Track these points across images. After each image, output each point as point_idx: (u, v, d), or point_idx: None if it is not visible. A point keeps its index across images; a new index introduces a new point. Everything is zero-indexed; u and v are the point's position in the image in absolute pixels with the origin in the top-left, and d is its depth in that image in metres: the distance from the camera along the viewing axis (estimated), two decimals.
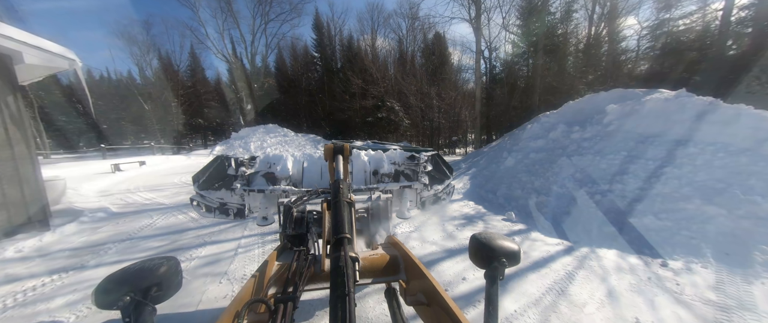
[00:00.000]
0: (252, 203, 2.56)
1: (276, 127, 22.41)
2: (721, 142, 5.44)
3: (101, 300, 0.64)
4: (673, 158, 5.64)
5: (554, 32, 16.10)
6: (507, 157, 9.11)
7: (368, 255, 1.15)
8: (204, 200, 2.57)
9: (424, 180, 2.72)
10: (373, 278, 1.08)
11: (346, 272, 0.61)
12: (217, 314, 1.34)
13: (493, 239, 0.92)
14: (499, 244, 0.90)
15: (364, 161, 2.65)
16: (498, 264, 0.85)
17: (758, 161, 4.88)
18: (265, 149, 19.92)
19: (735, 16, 10.85)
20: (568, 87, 13.85)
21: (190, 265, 3.77)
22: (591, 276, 3.56)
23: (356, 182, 2.57)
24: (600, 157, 6.68)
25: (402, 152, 2.84)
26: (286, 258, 1.13)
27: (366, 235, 1.70)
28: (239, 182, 2.50)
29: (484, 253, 0.89)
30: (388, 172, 2.68)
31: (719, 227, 4.28)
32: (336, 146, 1.42)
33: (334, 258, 0.67)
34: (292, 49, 32.52)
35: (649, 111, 6.76)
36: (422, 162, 2.75)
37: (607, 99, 8.10)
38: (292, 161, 2.60)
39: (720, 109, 5.84)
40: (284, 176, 2.55)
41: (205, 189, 2.52)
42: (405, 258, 1.12)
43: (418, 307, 0.97)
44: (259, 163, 2.62)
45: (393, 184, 2.61)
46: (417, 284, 1.01)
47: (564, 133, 8.31)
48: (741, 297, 3.09)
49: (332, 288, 0.59)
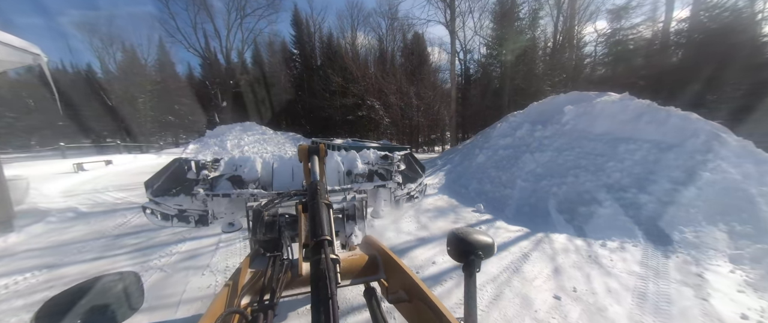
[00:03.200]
0: (216, 209, 2.36)
1: (253, 124, 21.89)
2: (655, 139, 6.24)
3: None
4: (617, 154, 6.39)
5: (523, 37, 17.17)
6: (478, 154, 9.68)
7: (346, 256, 1.12)
8: (159, 208, 2.32)
9: (398, 179, 2.72)
10: (352, 279, 1.05)
11: (328, 274, 0.60)
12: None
13: (469, 235, 0.96)
14: (474, 238, 0.94)
15: (337, 161, 2.62)
16: (474, 258, 0.89)
17: (682, 155, 5.68)
18: (242, 148, 19.44)
19: (674, 28, 12.32)
20: (535, 89, 14.87)
21: (171, 260, 3.84)
22: (542, 256, 4.06)
23: (330, 182, 2.51)
24: (558, 153, 7.36)
25: (375, 152, 2.86)
26: (259, 264, 1.07)
27: (342, 236, 1.70)
28: (201, 186, 2.30)
29: (461, 248, 0.93)
30: (362, 172, 2.66)
31: (649, 212, 4.98)
32: (311, 147, 1.41)
33: (314, 261, 0.65)
34: (269, 45, 31.74)
35: (599, 112, 7.53)
36: (396, 161, 2.77)
37: (566, 101, 8.88)
38: (260, 162, 2.47)
39: (654, 111, 6.67)
40: (252, 179, 2.41)
41: (161, 195, 2.29)
42: (384, 257, 1.11)
43: (399, 304, 0.96)
44: (224, 165, 2.45)
45: (367, 184, 2.60)
46: (397, 281, 1.00)
47: (528, 131, 8.98)
48: (658, 268, 3.70)
49: (314, 291, 0.58)
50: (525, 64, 16.72)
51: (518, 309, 2.87)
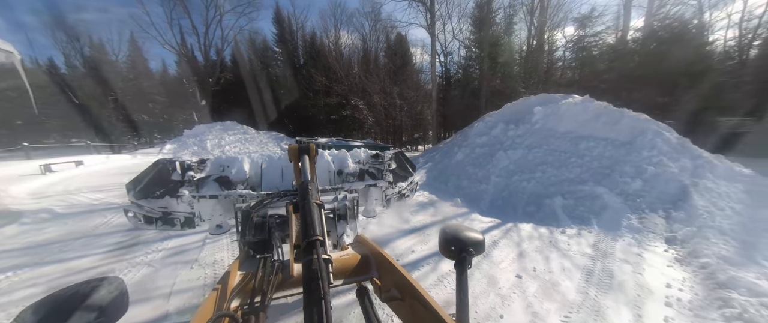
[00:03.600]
0: (203, 211, 2.31)
1: (235, 124, 21.40)
2: (610, 137, 6.92)
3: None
4: (578, 151, 7.02)
5: (499, 41, 18.04)
6: (457, 152, 10.15)
7: (338, 256, 1.11)
8: (142, 211, 2.24)
9: (389, 178, 2.71)
10: (345, 279, 1.05)
11: (321, 275, 0.60)
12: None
13: (460, 231, 0.96)
14: (465, 235, 0.95)
15: (327, 160, 2.60)
16: (466, 254, 0.90)
17: (632, 152, 6.36)
18: (223, 148, 18.99)
19: (631, 36, 13.54)
20: (511, 90, 15.71)
21: (157, 256, 3.91)
22: (510, 242, 4.49)
23: (321, 182, 2.46)
24: (528, 150, 7.93)
25: (366, 151, 2.84)
26: (249, 266, 1.06)
27: (333, 236, 1.68)
28: (187, 188, 2.25)
29: (452, 245, 0.94)
30: (353, 171, 2.64)
31: (603, 203, 5.57)
32: (301, 146, 1.41)
33: (306, 261, 0.65)
34: (250, 43, 30.98)
35: (563, 113, 8.19)
36: (386, 160, 2.75)
37: (536, 102, 9.53)
38: (249, 162, 2.42)
39: (610, 112, 7.37)
40: (240, 180, 2.35)
41: (144, 198, 2.22)
42: (376, 256, 1.10)
43: (392, 303, 0.96)
44: (211, 166, 2.38)
45: (358, 183, 2.58)
46: (390, 280, 1.00)
47: (502, 131, 9.54)
48: (606, 250, 4.21)
49: (306, 292, 0.58)
50: (501, 67, 17.59)
51: (485, 287, 3.24)
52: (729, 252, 3.84)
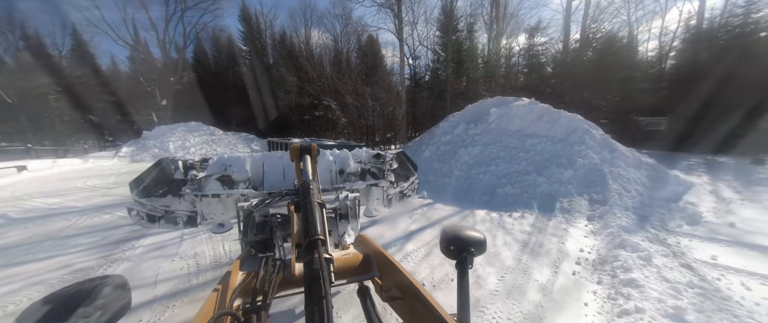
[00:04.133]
0: (205, 210, 2.33)
1: (200, 125, 20.44)
2: (550, 135, 8.00)
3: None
4: (525, 146, 8.02)
5: (461, 47, 19.37)
6: (425, 150, 10.88)
7: (340, 255, 1.11)
8: (145, 209, 2.25)
9: (391, 178, 2.69)
10: (346, 278, 1.04)
11: (322, 274, 0.60)
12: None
13: (461, 231, 0.95)
14: (467, 235, 0.95)
15: (329, 160, 2.58)
16: (467, 254, 0.90)
17: (566, 147, 7.45)
18: (187, 149, 18.11)
19: (571, 46, 15.48)
20: (473, 93, 16.97)
21: (136, 252, 4.01)
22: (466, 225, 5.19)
23: (322, 181, 2.45)
24: (485, 147, 8.83)
25: (367, 151, 2.82)
26: (251, 266, 1.06)
27: (335, 235, 1.67)
28: (189, 187, 2.26)
29: (453, 245, 0.94)
30: (355, 171, 2.62)
31: (543, 190, 6.53)
32: (303, 146, 1.40)
33: (307, 260, 0.65)
34: (214, 40, 29.59)
35: (514, 113, 9.23)
36: (388, 160, 2.72)
37: (492, 104, 10.56)
38: (250, 162, 2.44)
39: (550, 112, 8.51)
40: (242, 179, 2.36)
41: (146, 197, 2.21)
42: (377, 255, 1.10)
43: (393, 302, 0.96)
44: (213, 165, 2.38)
45: (360, 183, 2.56)
46: (391, 279, 1.00)
47: (464, 129, 10.43)
48: (541, 227, 5.05)
49: (307, 291, 0.58)
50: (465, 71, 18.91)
51: (440, 260, 3.84)
52: (628, 223, 4.85)
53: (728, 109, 13.22)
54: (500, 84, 17.91)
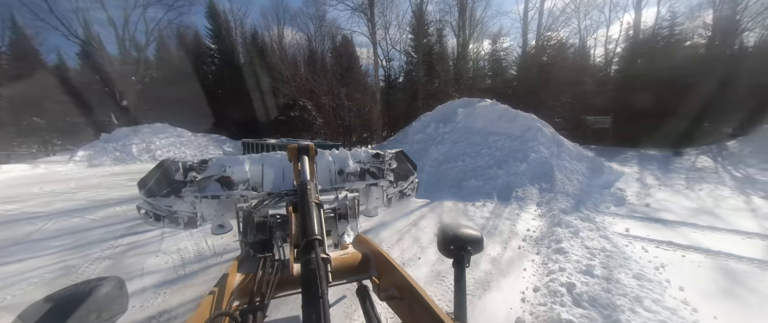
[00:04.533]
0: (205, 211, 2.34)
1: (166, 126, 19.42)
2: (509, 132, 8.89)
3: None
4: (488, 143, 8.83)
5: (432, 51, 20.36)
6: (398, 148, 11.44)
7: (338, 255, 1.12)
8: (152, 209, 2.30)
9: (390, 177, 2.70)
10: (344, 278, 1.05)
11: (319, 274, 0.60)
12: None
13: (458, 230, 0.95)
14: (464, 233, 0.95)
15: (328, 160, 2.59)
16: (464, 253, 0.90)
17: (522, 143, 8.35)
18: (153, 153, 17.20)
19: (530, 51, 16.99)
20: (444, 94, 17.93)
21: (116, 251, 4.09)
22: (434, 214, 5.76)
23: (322, 182, 2.45)
24: (453, 144, 9.55)
25: (367, 151, 2.84)
26: (249, 267, 1.05)
27: (334, 235, 1.66)
28: (189, 188, 2.28)
29: (450, 243, 0.93)
30: (354, 171, 2.61)
31: (502, 182, 7.31)
32: (300, 146, 1.40)
33: (304, 260, 0.65)
34: (181, 38, 28.06)
35: (478, 113, 10.07)
36: (387, 160, 2.73)
37: (459, 105, 11.37)
38: (249, 163, 2.43)
39: (509, 112, 9.42)
40: (241, 180, 2.35)
41: (153, 196, 2.26)
42: (375, 255, 1.10)
43: (391, 302, 0.96)
44: (212, 166, 2.38)
45: (359, 183, 2.57)
46: (389, 279, 1.00)
47: (434, 128, 11.12)
48: (499, 213, 5.75)
49: (304, 291, 0.58)
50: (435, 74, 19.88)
51: (411, 243, 4.35)
52: (567, 206, 5.70)
53: (658, 108, 15.25)
54: (468, 86, 19.08)
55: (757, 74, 13.40)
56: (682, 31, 17.72)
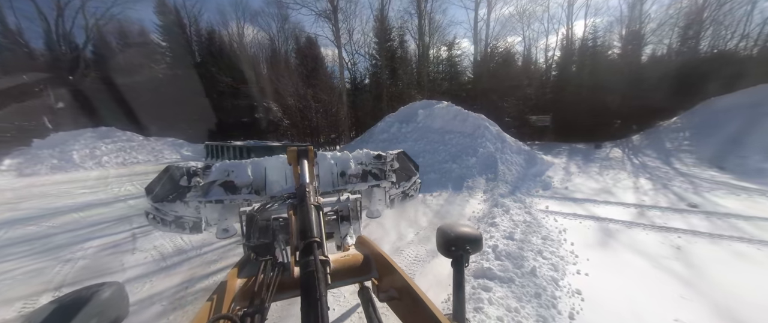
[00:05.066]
0: (209, 215, 2.37)
1: (113, 130, 17.83)
2: (462, 131, 10.00)
3: None
4: (444, 141, 9.85)
5: (394, 55, 21.42)
6: (365, 147, 12.04)
7: (339, 256, 1.12)
8: (159, 214, 2.34)
9: (392, 178, 2.70)
10: (345, 279, 1.05)
11: (317, 276, 0.60)
12: None
13: (457, 229, 0.95)
14: (463, 233, 0.94)
15: (330, 162, 2.59)
16: (463, 252, 0.90)
17: (472, 140, 9.49)
18: (99, 159, 15.74)
19: (479, 58, 18.81)
20: (407, 96, 18.95)
21: (88, 252, 4.15)
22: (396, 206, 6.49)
23: (324, 184, 2.47)
24: (414, 142, 10.43)
25: (368, 152, 2.81)
26: (251, 271, 1.06)
27: (337, 237, 1.65)
28: (194, 193, 2.29)
29: (449, 243, 0.93)
30: (356, 172, 2.60)
31: (456, 174, 8.31)
32: (299, 150, 1.40)
33: (303, 263, 0.65)
34: (120, 34, 25.63)
35: (436, 114, 11.09)
36: (389, 161, 2.73)
37: (419, 106, 12.34)
38: (252, 167, 2.46)
39: (462, 113, 10.57)
40: (245, 184, 2.36)
41: (160, 202, 2.30)
42: (376, 256, 1.10)
43: (391, 302, 0.96)
44: (215, 171, 2.41)
45: (361, 184, 2.57)
46: (388, 280, 1.00)
47: (398, 128, 11.94)
48: (452, 201, 6.65)
49: (303, 294, 0.58)
50: (398, 76, 20.94)
51: (375, 228, 5.01)
52: (505, 191, 6.81)
53: (586, 108, 17.82)
54: (428, 89, 20.39)
55: (653, 81, 16.43)
56: (604, 43, 20.85)
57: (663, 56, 19.55)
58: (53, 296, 3.02)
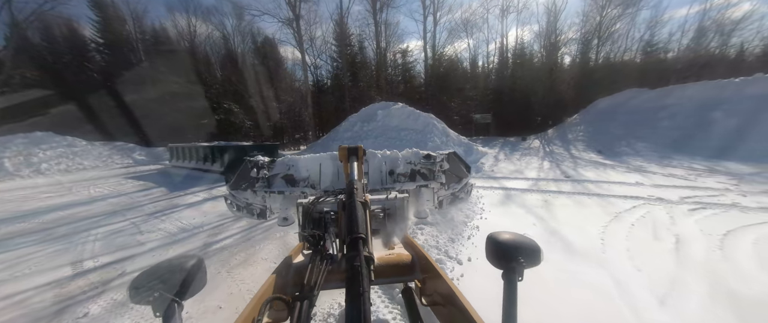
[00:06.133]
0: (272, 204, 2.56)
1: (50, 135, 16.18)
2: (415, 128, 11.72)
3: (134, 296, 0.65)
4: (400, 137, 11.45)
5: (355, 60, 22.75)
6: (331, 145, 13.15)
7: (384, 254, 1.10)
8: (235, 200, 2.57)
9: (442, 179, 2.66)
10: (388, 277, 1.03)
11: (361, 271, 0.61)
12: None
13: (511, 238, 0.87)
14: (517, 242, 0.86)
15: (379, 160, 2.60)
16: (516, 264, 0.80)
17: (423, 135, 11.23)
18: (37, 167, 14.31)
19: (430, 63, 21.24)
20: (366, 97, 20.37)
21: (98, 237, 4.76)
22: None
23: (373, 182, 2.50)
24: (375, 139, 11.87)
25: (417, 152, 2.76)
26: (304, 259, 1.07)
27: (382, 235, 1.65)
28: (261, 184, 2.49)
29: (501, 252, 0.85)
30: (404, 171, 2.58)
31: None
32: (350, 148, 1.45)
33: (349, 257, 0.67)
34: (46, 30, 22.65)
35: (393, 114, 12.67)
36: (438, 161, 2.67)
37: (378, 107, 13.82)
38: (309, 163, 2.59)
39: (414, 112, 12.30)
40: (302, 178, 2.49)
41: (235, 189, 2.55)
42: (420, 258, 1.06)
43: (435, 307, 0.93)
44: (278, 165, 2.60)
45: (409, 183, 2.55)
46: (432, 284, 0.97)
47: (360, 127, 13.27)
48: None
49: (348, 287, 0.59)
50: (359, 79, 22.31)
51: None
52: None
53: (517, 107, 21.09)
54: (385, 91, 22.09)
55: (563, 85, 20.23)
56: (529, 53, 24.66)
57: (570, 65, 23.92)
58: (89, 264, 3.78)
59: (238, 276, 3.24)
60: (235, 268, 3.44)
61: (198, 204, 6.57)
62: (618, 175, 7.95)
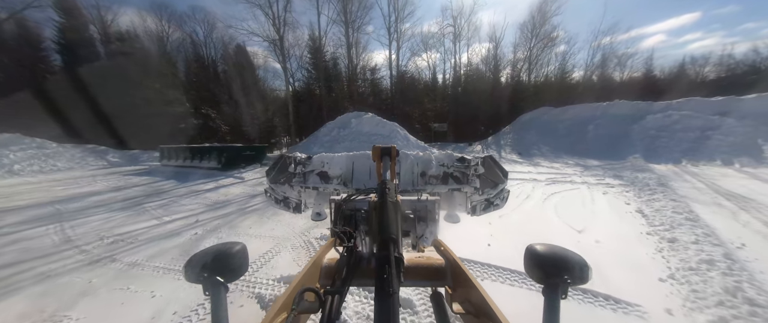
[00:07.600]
0: (307, 200, 2.64)
1: (19, 137, 15.72)
2: (382, 134, 14.20)
3: (187, 275, 0.69)
4: (370, 141, 13.82)
5: (330, 73, 25.00)
6: (313, 147, 15.08)
7: (414, 257, 1.04)
8: (273, 193, 2.67)
9: (476, 184, 2.45)
10: (418, 280, 0.99)
11: (391, 272, 0.60)
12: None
13: (554, 251, 0.78)
14: (561, 256, 0.76)
15: (412, 161, 2.56)
16: (559, 281, 0.70)
17: (389, 140, 13.75)
18: (10, 167, 14.04)
19: (395, 79, 24.37)
20: (342, 107, 22.54)
21: (115, 219, 6.36)
22: None
23: (405, 182, 2.44)
24: (350, 143, 14.11)
25: (450, 154, 2.64)
26: (336, 254, 1.03)
27: (412, 237, 1.63)
28: (297, 179, 2.55)
29: (542, 267, 0.76)
30: (436, 174, 2.46)
31: None
32: (383, 148, 1.44)
33: (379, 257, 0.67)
34: (10, 32, 21.20)
35: (365, 122, 15.05)
36: (473, 165, 2.49)
37: (352, 116, 16.07)
38: (343, 160, 2.62)
39: (382, 121, 14.84)
40: (336, 175, 2.50)
41: (274, 183, 2.64)
42: (452, 264, 1.00)
43: (465, 316, 0.87)
44: (314, 162, 2.62)
45: (441, 186, 2.44)
46: (463, 291, 0.91)
47: (337, 132, 15.41)
48: None
49: (377, 286, 0.59)
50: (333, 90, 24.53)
51: None
52: None
53: (467, 118, 24.76)
54: (357, 101, 24.56)
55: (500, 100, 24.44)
56: (478, 72, 28.90)
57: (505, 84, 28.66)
58: (117, 237, 5.45)
59: (268, 223, 5.33)
60: (270, 218, 5.50)
61: (214, 190, 8.20)
62: (521, 167, 11.16)
